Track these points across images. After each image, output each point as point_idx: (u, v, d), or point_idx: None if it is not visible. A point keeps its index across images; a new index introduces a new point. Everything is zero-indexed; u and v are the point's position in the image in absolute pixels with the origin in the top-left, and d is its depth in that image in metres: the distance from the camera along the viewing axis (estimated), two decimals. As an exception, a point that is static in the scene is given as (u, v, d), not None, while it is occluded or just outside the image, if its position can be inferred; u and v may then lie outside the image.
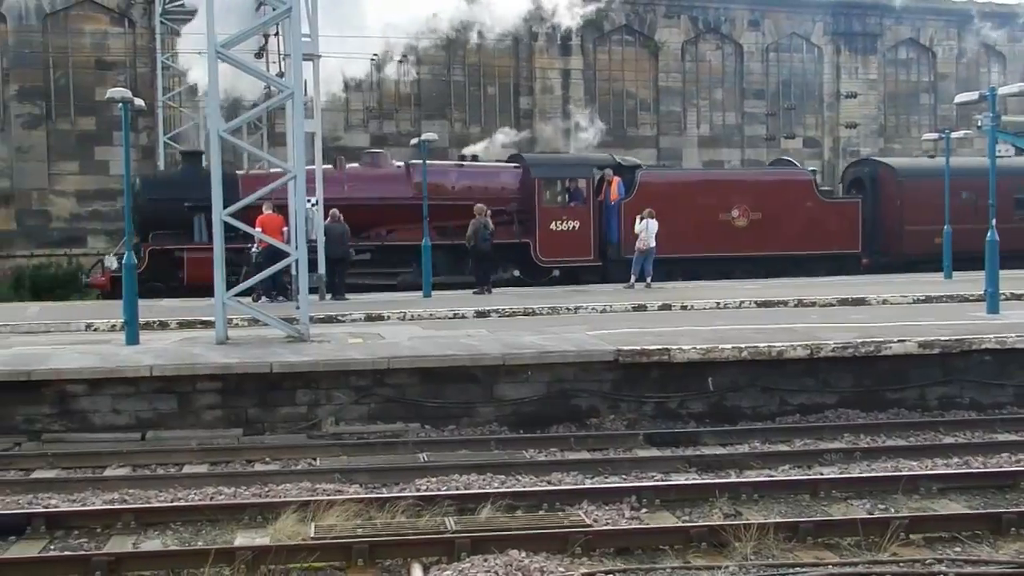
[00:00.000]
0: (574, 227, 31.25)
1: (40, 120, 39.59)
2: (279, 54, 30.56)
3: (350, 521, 9.92)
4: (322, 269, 25.17)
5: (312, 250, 23.28)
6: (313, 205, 24.66)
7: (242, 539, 9.74)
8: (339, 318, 21.38)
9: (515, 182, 31.85)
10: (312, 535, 9.45)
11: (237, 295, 17.98)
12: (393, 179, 31.07)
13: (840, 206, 34.11)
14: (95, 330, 20.41)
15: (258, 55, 34.83)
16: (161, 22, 40.06)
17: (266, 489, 11.54)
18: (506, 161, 33.99)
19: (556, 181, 31.90)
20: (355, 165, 31.77)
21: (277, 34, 29.96)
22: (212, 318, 18.00)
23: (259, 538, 9.69)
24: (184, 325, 20.67)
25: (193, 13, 39.11)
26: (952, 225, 29.85)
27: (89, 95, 39.39)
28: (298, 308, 18.27)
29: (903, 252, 34.34)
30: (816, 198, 33.45)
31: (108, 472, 12.69)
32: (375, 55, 41.43)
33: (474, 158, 34.85)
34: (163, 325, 20.58)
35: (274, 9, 18.36)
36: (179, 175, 31.27)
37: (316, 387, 15.00)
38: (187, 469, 12.81)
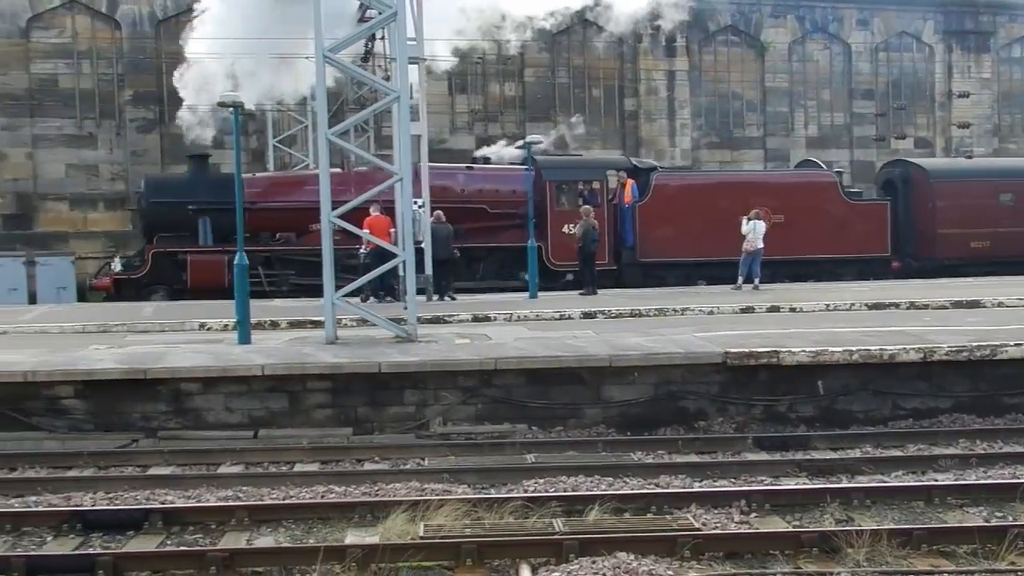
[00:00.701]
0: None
1: (154, 124, 40.38)
2: (385, 57, 30.90)
3: (458, 521, 9.97)
4: (428, 270, 25.35)
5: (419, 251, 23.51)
6: (420, 207, 24.85)
7: (352, 537, 9.85)
8: (446, 319, 21.53)
9: (527, 186, 31.79)
10: (421, 534, 9.52)
11: (346, 296, 18.17)
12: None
13: (868, 208, 33.37)
14: (208, 329, 20.78)
15: (365, 59, 35.22)
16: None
17: (376, 488, 11.64)
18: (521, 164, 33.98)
19: (568, 184, 31.63)
20: (364, 168, 31.69)
21: (383, 38, 30.25)
22: (322, 318, 18.23)
23: (369, 536, 9.78)
24: (294, 325, 20.97)
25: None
26: (991, 228, 29.05)
27: (199, 99, 40.13)
28: (406, 309, 18.41)
29: (936, 256, 33.53)
30: (842, 200, 32.72)
31: (222, 469, 12.91)
32: (480, 57, 41.69)
33: (486, 160, 34.77)
34: (274, 325, 20.91)
35: (380, 13, 18.52)
36: (184, 178, 31.75)
37: (424, 387, 15.10)
38: (298, 467, 12.99)
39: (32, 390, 14.76)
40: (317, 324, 19.40)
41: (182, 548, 9.70)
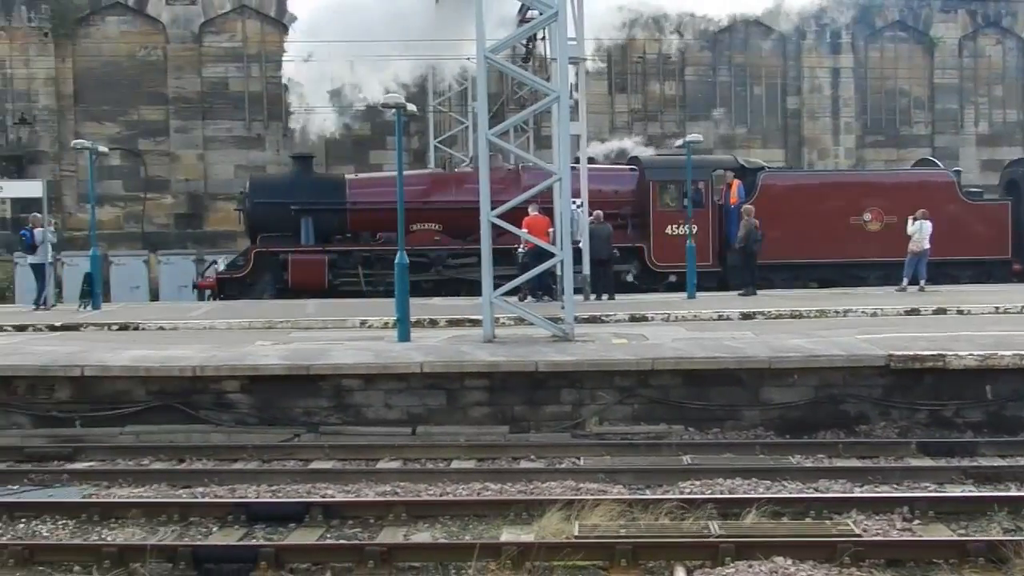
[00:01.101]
0: (691, 231, 30.13)
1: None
2: (545, 58, 31.01)
3: (613, 521, 9.94)
4: (587, 270, 25.35)
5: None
6: (579, 206, 24.86)
7: (508, 535, 9.90)
8: (603, 318, 21.49)
9: (630, 185, 31.23)
10: (576, 533, 9.52)
11: (503, 295, 18.27)
12: (505, 181, 29.98)
13: (987, 209, 31.81)
14: (369, 327, 21.12)
15: (525, 59, 35.37)
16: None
17: (531, 486, 11.68)
18: (626, 163, 33.35)
19: (672, 184, 30.87)
20: (468, 168, 31.94)
21: (543, 38, 30.34)
22: (480, 317, 18.37)
23: (524, 535, 9.82)
24: (453, 323, 21.17)
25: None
26: None
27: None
28: (563, 308, 18.44)
29: None
30: (959, 200, 31.23)
31: (381, 465, 13.11)
32: (640, 56, 41.53)
33: (591, 160, 34.34)
34: (433, 323, 21.14)
35: (540, 14, 18.58)
36: (287, 178, 32.02)
37: (580, 386, 15.11)
38: (455, 464, 13.10)
39: (200, 385, 15.22)
40: (475, 323, 19.55)
41: (341, 542, 9.87)
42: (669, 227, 30.50)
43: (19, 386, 15.44)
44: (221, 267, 31.15)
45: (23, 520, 10.59)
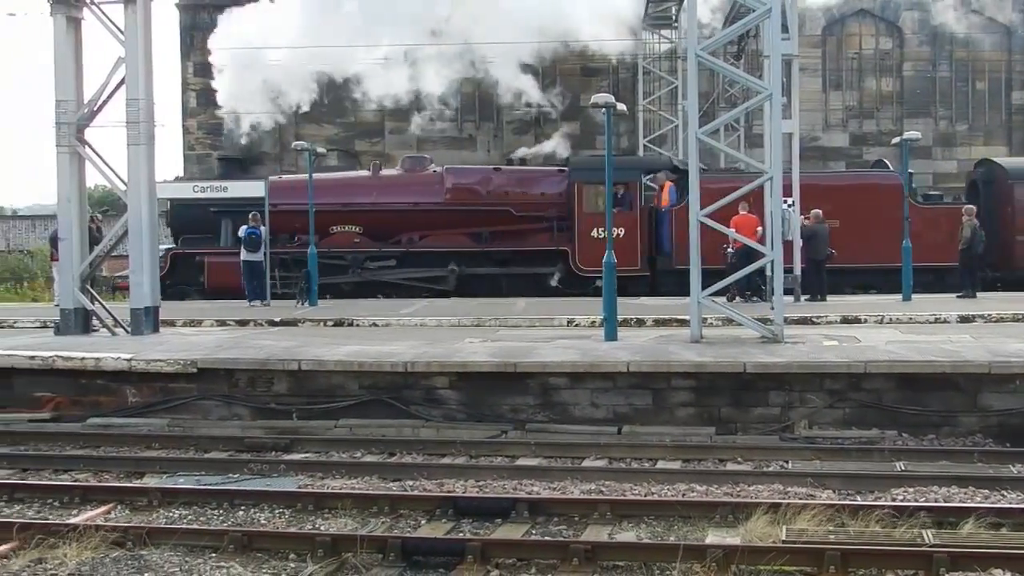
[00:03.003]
0: (618, 234, 28.40)
1: (529, 126, 41.62)
2: (758, 55, 30.59)
3: (822, 526, 9.74)
4: (797, 270, 24.91)
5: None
6: (790, 206, 24.45)
7: (713, 537, 9.80)
8: (813, 320, 21.08)
9: (557, 187, 30.22)
10: (783, 538, 9.36)
11: (711, 295, 18.11)
12: (424, 184, 30.69)
13: (940, 213, 29.52)
14: (576, 325, 21.22)
15: (737, 56, 34.99)
16: (644, 28, 41.07)
17: (737, 489, 11.54)
18: (559, 165, 32.36)
19: (598, 186, 29.11)
20: (393, 171, 31.89)
21: (755, 35, 29.96)
22: (687, 317, 18.25)
23: (729, 537, 9.70)
24: (660, 323, 21.09)
25: (673, 18, 39.87)
26: None
27: (574, 100, 41.00)
28: (772, 309, 18.16)
29: (1012, 267, 29.69)
30: (910, 203, 28.61)
31: (586, 463, 13.14)
32: (855, 52, 40.56)
33: (523, 162, 33.34)
34: (640, 322, 21.11)
35: (753, 11, 18.34)
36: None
37: (789, 389, 14.86)
38: (660, 464, 13.04)
39: (411, 380, 15.56)
40: (683, 323, 19.43)
41: (546, 538, 9.94)
42: (595, 230, 29.49)
43: (240, 379, 16.08)
44: None
45: (242, 508, 11.01)
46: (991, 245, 28.95)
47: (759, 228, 23.72)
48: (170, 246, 30.80)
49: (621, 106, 19.78)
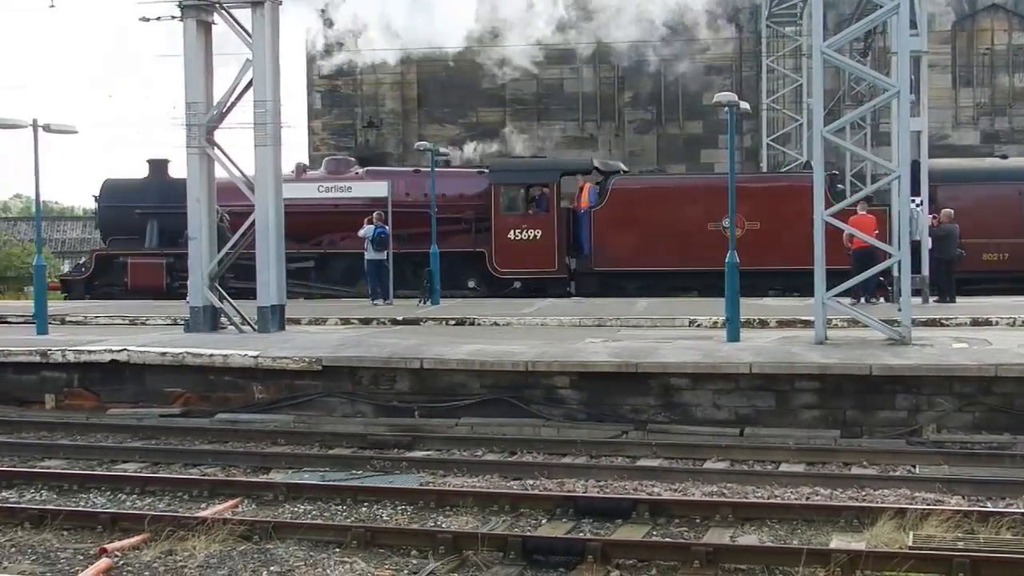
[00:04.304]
0: (535, 236, 28.51)
1: (651, 125, 41.50)
2: (885, 51, 30.04)
3: (950, 533, 9.54)
4: (926, 271, 24.40)
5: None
6: (918, 205, 23.97)
7: (837, 541, 9.64)
8: (943, 322, 20.64)
9: (476, 188, 29.58)
10: (910, 544, 9.19)
11: (836, 296, 17.83)
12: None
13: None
14: (698, 326, 21.07)
15: (863, 54, 34.41)
16: (767, 25, 40.66)
17: (863, 493, 11.35)
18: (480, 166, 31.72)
19: (515, 187, 29.30)
20: (317, 171, 31.73)
21: (883, 32, 29.43)
22: (811, 318, 18.01)
23: (854, 542, 9.54)
24: (783, 324, 20.85)
25: (797, 15, 39.39)
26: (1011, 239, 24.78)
27: (697, 100, 40.72)
28: (899, 310, 17.82)
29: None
30: (829, 205, 27.25)
31: (707, 465, 13.03)
32: (987, 48, 39.60)
33: (447, 164, 32.49)
34: (763, 323, 20.89)
35: (880, 7, 18.01)
36: (137, 183, 31.76)
37: (917, 392, 14.56)
38: (783, 467, 12.87)
39: (532, 379, 15.61)
40: (807, 324, 19.20)
41: (667, 540, 9.88)
42: (512, 232, 29.18)
43: (364, 376, 16.28)
44: (65, 268, 32.14)
45: (365, 504, 11.14)
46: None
47: (877, 230, 23.22)
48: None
49: (744, 104, 19.58)
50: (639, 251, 28.81)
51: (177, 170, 32.09)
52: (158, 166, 32.24)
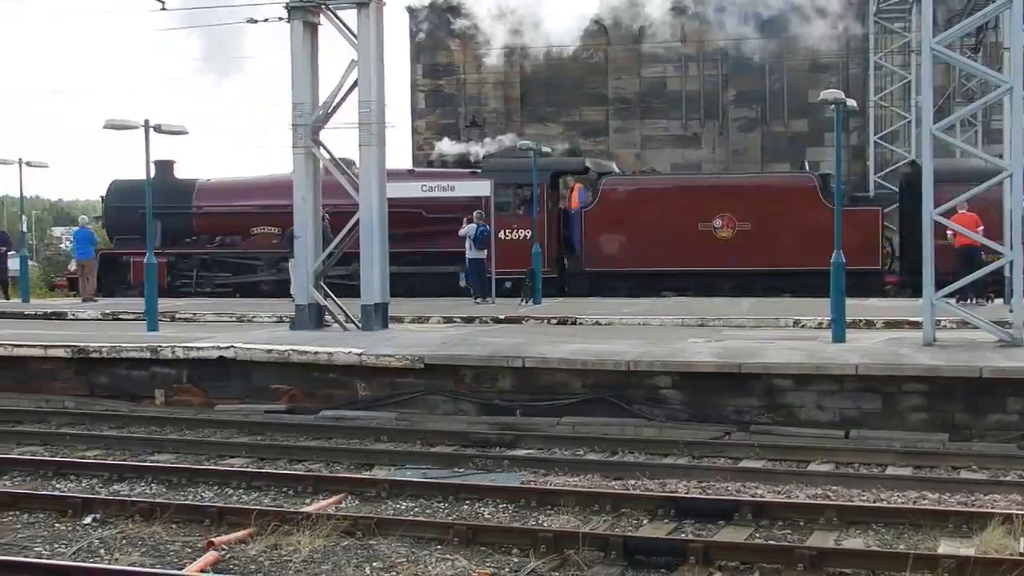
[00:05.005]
0: (526, 236, 27.91)
1: (755, 123, 41.10)
2: (997, 47, 29.41)
3: (1062, 539, 9.32)
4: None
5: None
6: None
7: (945, 547, 9.48)
8: (1057, 324, 20.12)
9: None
10: (1021, 550, 8.99)
11: (946, 296, 17.51)
12: (334, 186, 30.36)
13: (853, 215, 27.58)
14: (802, 326, 20.84)
15: (974, 49, 33.75)
16: (875, 21, 40.07)
17: (972, 498, 11.12)
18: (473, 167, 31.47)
19: (507, 187, 28.91)
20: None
21: (995, 27, 28.82)
22: (919, 319, 17.70)
23: (963, 548, 9.37)
24: (890, 325, 20.53)
25: (906, 11, 38.75)
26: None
27: (802, 97, 40.23)
28: (1011, 311, 17.43)
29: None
30: (822, 205, 27.47)
31: (812, 467, 12.88)
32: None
33: (443, 164, 32.39)
34: (869, 324, 20.59)
35: (992, 1, 17.65)
36: (142, 183, 31.36)
37: (1029, 395, 14.24)
38: (890, 470, 12.68)
39: (634, 379, 15.55)
40: (914, 325, 18.87)
41: (771, 543, 9.78)
42: (503, 231, 28.95)
43: (466, 375, 16.36)
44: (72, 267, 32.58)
45: (467, 502, 11.20)
46: (908, 247, 29.08)
47: (979, 227, 22.73)
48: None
49: (851, 102, 19.30)
50: (629, 252, 29.08)
51: (183, 171, 34.01)
52: (163, 167, 32.75)
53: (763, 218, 28.86)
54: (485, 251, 26.91)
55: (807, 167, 33.41)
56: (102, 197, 33.76)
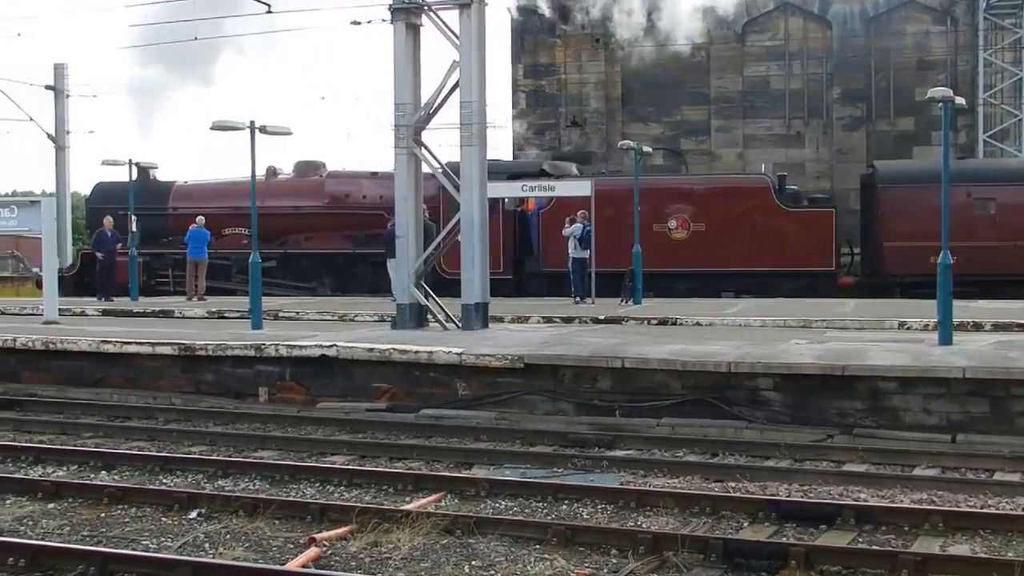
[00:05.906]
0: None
1: (860, 122, 40.47)
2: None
3: None
4: None
5: None
6: None
7: (1054, 555, 9.27)
8: None
9: (432, 191, 27.60)
10: None
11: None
12: (308, 189, 31.47)
13: (807, 216, 28.04)
14: (908, 328, 20.50)
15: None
16: (985, 17, 39.27)
17: (1081, 505, 10.87)
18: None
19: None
20: (285, 176, 32.71)
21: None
22: (1029, 322, 17.32)
23: (1073, 556, 9.16)
24: (999, 327, 20.11)
25: (1018, 7, 37.93)
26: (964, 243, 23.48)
27: (909, 95, 39.52)
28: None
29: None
30: (776, 207, 27.58)
31: (916, 471, 12.67)
32: None
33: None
34: (977, 326, 20.18)
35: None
36: (123, 185, 31.94)
37: None
38: (998, 476, 12.42)
39: (734, 380, 15.43)
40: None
41: (874, 548, 9.63)
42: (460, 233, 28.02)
43: (565, 375, 16.36)
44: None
45: (566, 502, 11.20)
46: (865, 248, 29.45)
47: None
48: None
49: (960, 99, 18.94)
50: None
51: (168, 174, 35.19)
52: (144, 170, 33.75)
53: (717, 219, 29.25)
54: (587, 251, 26.87)
55: (763, 168, 33.44)
56: (86, 198, 35.16)
